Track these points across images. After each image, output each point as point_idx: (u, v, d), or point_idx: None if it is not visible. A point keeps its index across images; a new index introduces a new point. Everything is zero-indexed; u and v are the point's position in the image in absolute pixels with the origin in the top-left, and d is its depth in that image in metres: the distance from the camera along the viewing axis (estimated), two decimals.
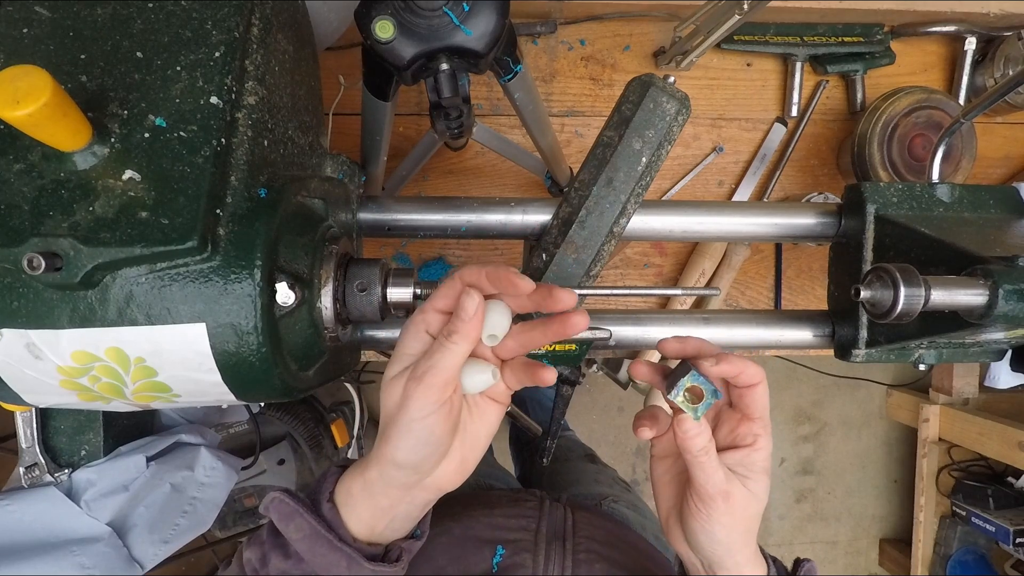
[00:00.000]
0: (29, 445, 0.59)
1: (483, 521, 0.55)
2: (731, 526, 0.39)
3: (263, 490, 1.29)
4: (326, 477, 0.41)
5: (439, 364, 0.35)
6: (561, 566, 0.50)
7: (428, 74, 0.48)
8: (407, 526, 0.42)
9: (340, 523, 0.39)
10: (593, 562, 0.51)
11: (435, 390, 0.35)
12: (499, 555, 0.50)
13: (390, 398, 0.37)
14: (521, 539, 0.53)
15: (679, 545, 0.43)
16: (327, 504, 0.40)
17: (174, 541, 0.63)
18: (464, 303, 0.35)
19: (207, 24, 0.42)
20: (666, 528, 0.44)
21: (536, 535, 0.54)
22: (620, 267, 0.91)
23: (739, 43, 0.84)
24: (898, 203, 0.59)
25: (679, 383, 0.38)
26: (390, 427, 0.37)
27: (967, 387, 1.70)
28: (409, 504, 0.40)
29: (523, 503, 0.59)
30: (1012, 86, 0.54)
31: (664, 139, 0.54)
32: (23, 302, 0.36)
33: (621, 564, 0.52)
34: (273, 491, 0.40)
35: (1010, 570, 1.73)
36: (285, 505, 0.39)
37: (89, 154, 0.37)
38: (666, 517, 0.44)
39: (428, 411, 0.35)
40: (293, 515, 0.39)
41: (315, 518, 0.39)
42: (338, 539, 0.38)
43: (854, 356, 0.60)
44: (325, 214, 0.48)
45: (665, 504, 0.44)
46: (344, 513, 0.39)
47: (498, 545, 0.51)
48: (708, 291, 0.49)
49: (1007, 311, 0.46)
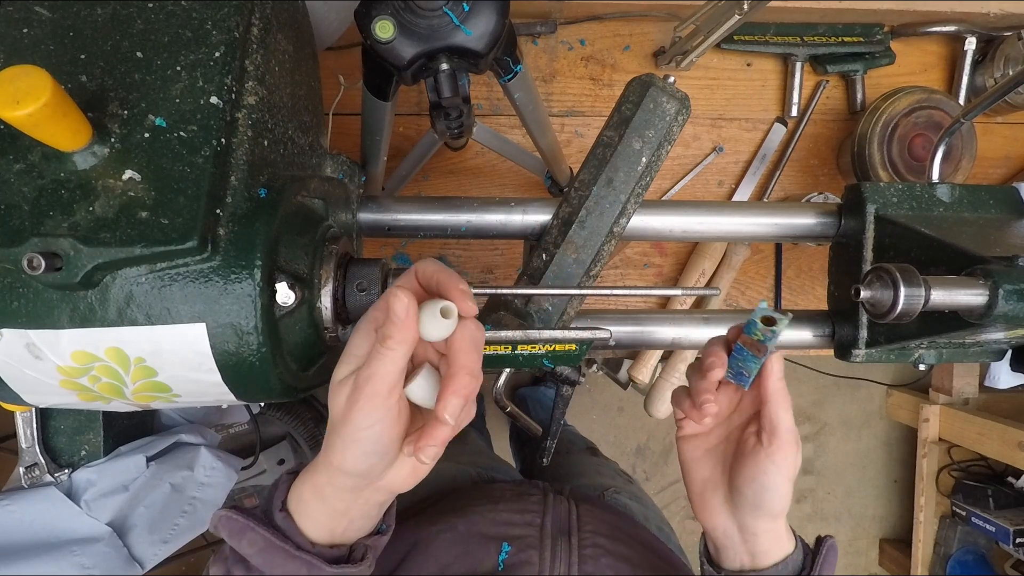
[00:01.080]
0: (29, 445, 0.59)
1: (487, 517, 0.55)
2: (787, 473, 0.41)
3: (263, 490, 1.29)
4: (278, 485, 0.40)
5: (378, 372, 0.33)
6: (567, 563, 0.50)
7: (428, 74, 0.48)
8: (369, 524, 0.41)
9: (296, 530, 0.38)
10: (599, 557, 0.51)
11: (378, 399, 0.34)
12: (505, 552, 0.50)
13: (336, 404, 0.35)
14: (526, 535, 0.52)
15: (716, 516, 0.44)
16: (280, 513, 0.38)
17: (174, 541, 0.63)
18: (392, 306, 0.33)
19: (207, 24, 0.42)
20: (700, 503, 0.46)
21: (541, 531, 0.53)
22: (620, 267, 0.91)
23: (739, 43, 0.84)
24: (898, 203, 0.59)
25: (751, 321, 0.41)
26: (335, 435, 0.35)
27: (967, 387, 1.70)
28: (364, 505, 0.39)
29: (527, 497, 0.59)
30: (1012, 86, 0.54)
31: (664, 139, 0.54)
32: (23, 302, 0.36)
33: (626, 558, 0.52)
34: (220, 508, 0.39)
35: (1010, 570, 1.73)
36: (234, 521, 0.38)
37: (89, 154, 0.37)
38: (700, 491, 0.46)
39: (372, 420, 0.34)
40: (244, 530, 0.38)
41: (267, 529, 0.37)
42: (295, 547, 0.37)
43: (854, 356, 0.60)
44: (325, 214, 0.48)
45: (699, 477, 0.46)
46: (299, 519, 0.38)
47: (503, 542, 0.51)
48: (708, 291, 0.49)
49: (1007, 311, 0.46)
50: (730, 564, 0.45)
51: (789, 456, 0.41)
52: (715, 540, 0.45)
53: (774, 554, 0.43)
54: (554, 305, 0.55)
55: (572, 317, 0.56)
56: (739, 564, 0.44)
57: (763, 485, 0.41)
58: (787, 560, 0.43)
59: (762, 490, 0.41)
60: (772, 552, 0.43)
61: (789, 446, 0.41)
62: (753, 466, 0.42)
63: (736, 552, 0.44)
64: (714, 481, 0.45)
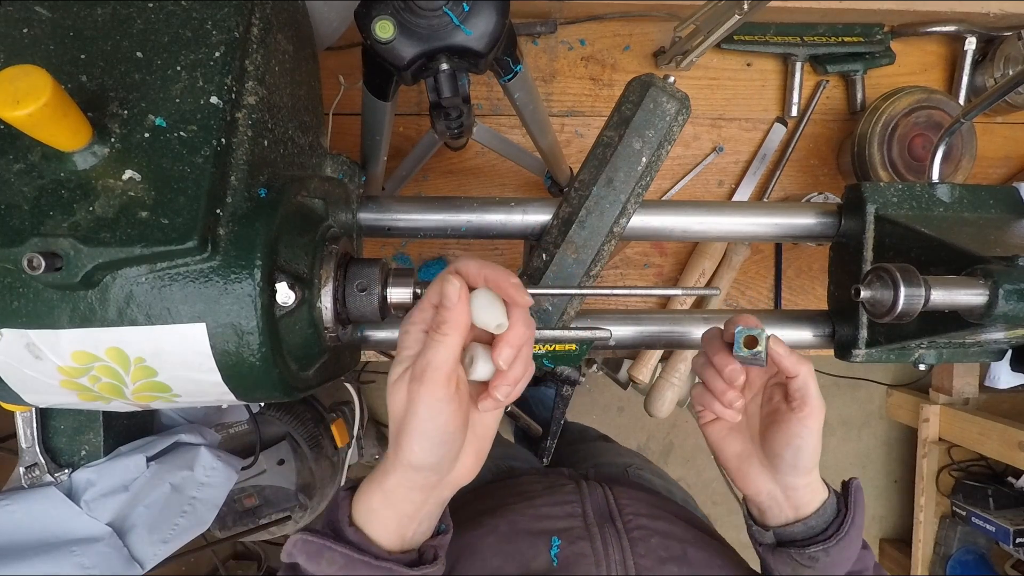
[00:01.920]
0: (29, 445, 0.59)
1: (527, 513, 0.55)
2: (817, 432, 0.46)
3: (263, 490, 1.29)
4: (338, 504, 0.41)
5: (435, 360, 0.35)
6: (620, 548, 0.50)
7: (428, 74, 0.48)
8: (431, 525, 0.42)
9: (369, 542, 0.39)
10: (648, 538, 0.52)
11: (439, 387, 0.35)
12: (556, 547, 0.50)
13: (396, 402, 0.37)
14: (572, 527, 0.52)
15: (756, 482, 0.49)
16: (350, 528, 0.40)
17: (174, 541, 0.63)
18: (446, 291, 0.35)
19: (207, 24, 0.42)
20: (739, 475, 0.50)
21: (585, 520, 0.53)
22: (620, 267, 0.91)
23: (739, 43, 0.84)
24: (898, 203, 0.59)
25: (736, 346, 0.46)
26: (402, 432, 0.37)
27: (967, 387, 1.70)
28: (432, 505, 0.40)
29: (560, 488, 0.59)
30: (1012, 86, 0.54)
31: (664, 139, 0.54)
32: (23, 302, 0.36)
33: (671, 534, 0.53)
34: (292, 535, 0.40)
35: (1010, 570, 1.73)
36: (310, 544, 0.39)
37: (89, 154, 0.37)
38: (737, 465, 0.50)
39: (437, 410, 0.35)
40: (321, 551, 0.39)
41: (344, 546, 0.38)
42: (374, 558, 0.38)
43: (854, 356, 0.60)
44: (325, 214, 0.48)
45: (731, 454, 0.50)
46: (370, 531, 0.39)
47: (552, 536, 0.51)
48: (708, 291, 0.49)
49: (1007, 311, 0.46)
50: (775, 521, 0.49)
51: (818, 418, 0.46)
52: (759, 503, 0.50)
53: (814, 503, 0.48)
54: (554, 305, 0.55)
55: (572, 317, 0.56)
56: (784, 519, 0.49)
57: (799, 447, 0.46)
58: (825, 505, 0.48)
59: (798, 451, 0.46)
60: (812, 502, 0.48)
61: (818, 410, 0.46)
62: (787, 431, 0.46)
63: (780, 509, 0.49)
64: (746, 452, 0.50)
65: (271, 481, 1.29)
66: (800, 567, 0.47)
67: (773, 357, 0.46)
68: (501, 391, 0.37)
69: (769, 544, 0.49)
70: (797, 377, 0.46)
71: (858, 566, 0.49)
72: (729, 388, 0.48)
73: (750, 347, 0.46)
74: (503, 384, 0.37)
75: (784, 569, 0.48)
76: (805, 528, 0.48)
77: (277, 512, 1.31)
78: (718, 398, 0.48)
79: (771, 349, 0.46)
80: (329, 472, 1.40)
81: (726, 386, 0.48)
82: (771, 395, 0.50)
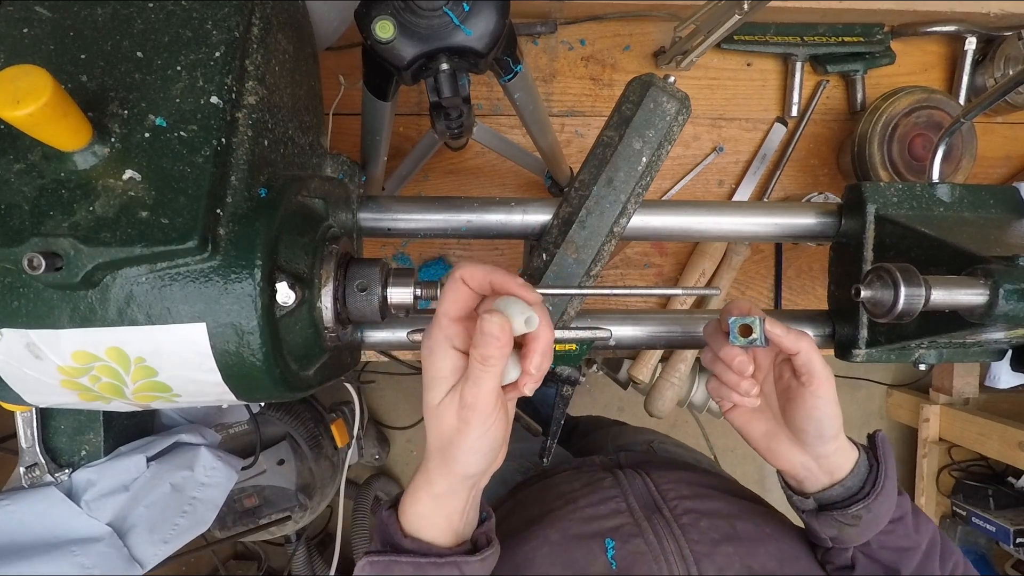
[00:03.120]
0: (29, 445, 0.59)
1: (572, 517, 0.55)
2: (832, 399, 0.47)
3: (263, 490, 1.29)
4: (386, 523, 0.44)
5: (483, 390, 0.37)
6: (673, 538, 0.51)
7: (428, 74, 0.48)
8: (475, 516, 0.46)
9: (429, 546, 0.42)
10: (697, 522, 0.52)
11: (489, 410, 0.37)
12: (611, 548, 0.50)
13: (444, 422, 0.39)
14: (622, 524, 0.53)
15: (788, 457, 0.50)
16: (407, 540, 0.42)
17: (174, 541, 0.63)
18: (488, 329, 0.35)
19: (207, 24, 0.42)
20: (770, 453, 0.51)
21: (633, 515, 0.54)
22: (620, 267, 0.91)
23: (739, 43, 0.84)
24: (898, 203, 0.59)
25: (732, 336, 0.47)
26: (453, 448, 0.39)
27: (967, 387, 1.70)
28: (475, 498, 0.44)
29: (599, 484, 0.59)
30: (1012, 86, 0.54)
31: (664, 139, 0.54)
32: (23, 302, 0.36)
33: (716, 512, 0.54)
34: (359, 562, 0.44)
35: (1010, 570, 1.73)
36: (377, 564, 0.42)
37: (89, 154, 0.37)
38: (766, 445, 0.51)
39: (487, 428, 0.38)
40: (390, 567, 0.42)
41: (408, 555, 0.42)
42: (438, 557, 0.41)
43: (854, 356, 0.60)
44: (325, 214, 0.48)
45: (758, 434, 0.52)
46: (425, 536, 0.43)
47: (604, 538, 0.51)
48: (708, 291, 0.49)
49: (1007, 311, 0.46)
50: (813, 488, 0.50)
51: (829, 387, 0.47)
52: (795, 475, 0.51)
53: (846, 465, 0.49)
54: (554, 305, 0.55)
55: (572, 317, 0.56)
56: (821, 485, 0.50)
57: (818, 418, 0.47)
58: (857, 464, 0.49)
59: (819, 422, 0.47)
60: (844, 464, 0.49)
61: (826, 379, 0.47)
62: (803, 406, 0.48)
63: (816, 477, 0.50)
64: (772, 431, 0.51)
65: (271, 481, 1.29)
66: (844, 527, 0.48)
67: (771, 339, 0.47)
68: (528, 387, 0.40)
69: (811, 510, 0.51)
70: (799, 354, 0.47)
71: (898, 512, 0.50)
72: (742, 379, 0.49)
73: (745, 335, 0.47)
74: (531, 382, 0.39)
75: (830, 531, 0.49)
76: (844, 489, 0.49)
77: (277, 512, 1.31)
78: (734, 389, 0.49)
79: (768, 332, 0.46)
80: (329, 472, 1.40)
81: (739, 377, 0.49)
82: (781, 372, 0.51)
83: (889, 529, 0.50)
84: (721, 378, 0.50)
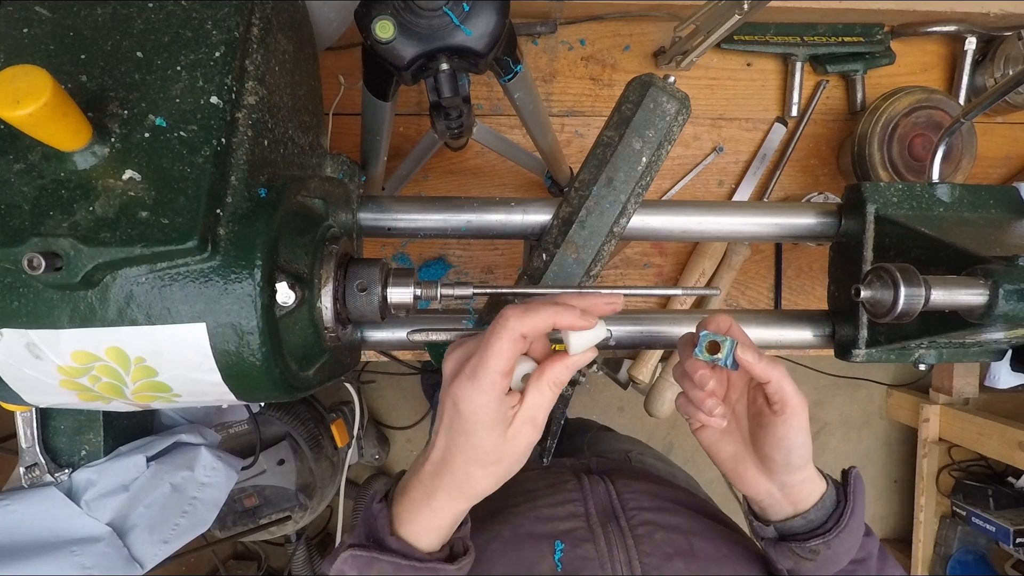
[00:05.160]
0: (29, 445, 0.59)
1: (529, 516, 0.55)
2: (803, 429, 0.46)
3: (263, 490, 1.29)
4: (376, 516, 0.44)
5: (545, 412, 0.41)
6: (624, 548, 0.50)
7: (428, 74, 0.48)
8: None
9: (412, 548, 0.43)
10: (652, 534, 0.52)
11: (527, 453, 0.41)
12: (559, 551, 0.50)
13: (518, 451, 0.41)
14: (575, 528, 0.52)
15: (754, 483, 0.49)
16: (392, 538, 0.43)
17: (174, 541, 0.63)
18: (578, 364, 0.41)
19: (207, 24, 0.42)
20: (736, 476, 0.50)
21: (588, 520, 0.53)
22: (620, 267, 0.91)
23: (739, 43, 0.84)
24: (898, 203, 0.59)
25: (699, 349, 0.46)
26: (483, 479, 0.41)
27: (967, 387, 1.70)
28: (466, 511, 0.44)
29: (562, 486, 0.59)
30: (1012, 86, 0.54)
31: (664, 139, 0.54)
32: (23, 302, 0.36)
33: (676, 527, 0.53)
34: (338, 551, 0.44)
35: (1010, 570, 1.73)
36: (359, 558, 0.42)
37: (89, 154, 0.37)
38: (733, 467, 0.50)
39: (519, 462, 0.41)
40: (371, 563, 0.42)
41: (390, 555, 0.42)
42: (419, 562, 0.42)
43: (854, 356, 0.60)
44: (325, 214, 0.48)
45: (726, 456, 0.50)
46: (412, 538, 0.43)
47: (555, 540, 0.51)
48: (708, 291, 0.49)
49: (1007, 311, 0.46)
50: (776, 516, 0.49)
51: (801, 417, 0.46)
52: (759, 502, 0.50)
53: (812, 497, 0.48)
54: None
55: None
56: (784, 514, 0.49)
57: (788, 448, 0.46)
58: (824, 498, 0.48)
59: (788, 452, 0.46)
60: (810, 496, 0.48)
61: (799, 408, 0.46)
62: (773, 434, 0.46)
63: (780, 505, 0.49)
64: (740, 454, 0.50)
65: (271, 481, 1.29)
66: (801, 560, 0.47)
67: (742, 365, 0.45)
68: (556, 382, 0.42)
69: (771, 538, 0.50)
70: (771, 382, 0.45)
71: (861, 553, 0.49)
72: (706, 397, 0.47)
73: (712, 352, 0.45)
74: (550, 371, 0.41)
75: (786, 563, 0.49)
76: (805, 522, 0.48)
77: (277, 512, 1.31)
78: (698, 407, 0.48)
79: (739, 358, 0.45)
80: (329, 472, 1.40)
81: (703, 395, 0.47)
82: (754, 397, 0.49)
83: (850, 570, 0.49)
84: (688, 394, 0.49)
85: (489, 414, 0.38)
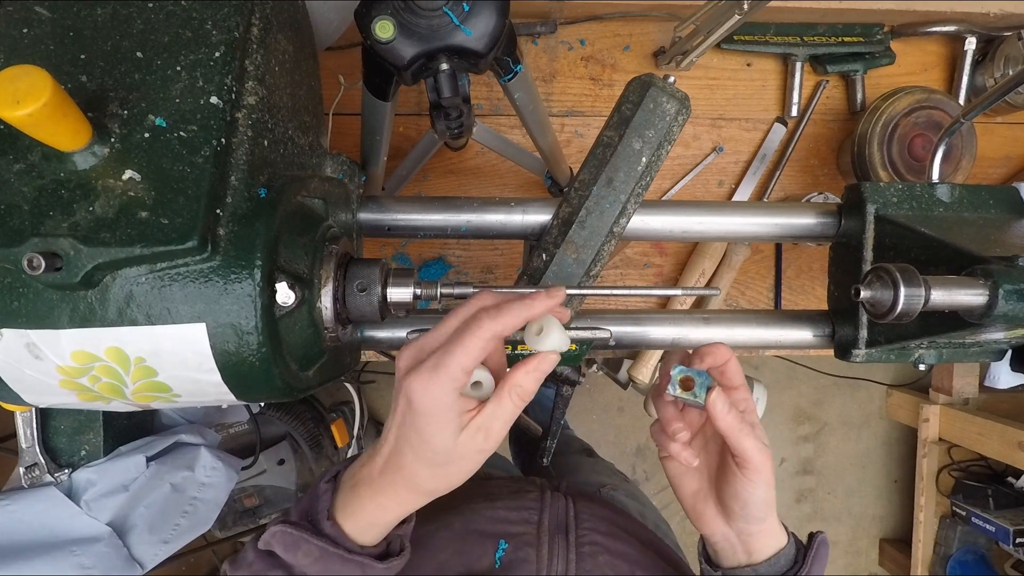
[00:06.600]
0: (29, 445, 0.59)
1: (484, 514, 0.55)
2: (765, 483, 0.44)
3: (263, 490, 1.29)
4: (319, 497, 0.43)
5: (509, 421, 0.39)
6: (565, 560, 0.50)
7: (428, 74, 0.48)
8: None
9: (345, 536, 0.41)
10: (597, 555, 0.52)
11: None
12: (502, 549, 0.50)
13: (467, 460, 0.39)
14: (524, 532, 0.53)
15: (711, 524, 0.47)
16: (328, 523, 0.41)
17: (174, 541, 0.63)
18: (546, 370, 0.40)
19: (207, 24, 0.42)
20: (694, 513, 0.48)
21: (539, 528, 0.53)
22: (620, 267, 0.91)
23: (739, 43, 0.84)
24: (898, 203, 0.59)
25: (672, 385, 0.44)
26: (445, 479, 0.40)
27: (967, 387, 1.70)
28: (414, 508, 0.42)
29: (524, 494, 0.59)
30: (1012, 86, 0.54)
31: (664, 139, 0.54)
32: (23, 302, 0.36)
33: (624, 555, 0.53)
34: (271, 524, 0.42)
35: (1010, 570, 1.73)
36: (288, 535, 0.41)
37: (89, 154, 0.37)
38: (692, 504, 0.48)
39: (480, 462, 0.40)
40: (299, 542, 0.41)
41: (321, 539, 0.40)
42: (347, 551, 0.40)
43: (854, 356, 0.60)
44: (325, 214, 0.48)
45: (688, 491, 0.49)
46: (349, 528, 0.41)
47: (500, 539, 0.51)
48: (708, 291, 0.49)
49: (1007, 311, 0.46)
50: (728, 563, 0.48)
51: (764, 472, 0.44)
52: (714, 544, 0.48)
53: (768, 549, 0.46)
54: None
55: (572, 317, 0.56)
56: (736, 562, 0.47)
57: (746, 501, 0.44)
58: (779, 554, 0.46)
59: (745, 504, 0.45)
60: (767, 548, 0.46)
61: (761, 465, 0.44)
62: (734, 486, 0.45)
63: (734, 552, 0.47)
64: (703, 492, 0.48)
65: (271, 481, 1.29)
66: None
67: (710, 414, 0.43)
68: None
69: None
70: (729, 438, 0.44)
71: None
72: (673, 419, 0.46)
73: (686, 388, 0.43)
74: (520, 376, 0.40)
75: None
76: (753, 574, 0.46)
77: (277, 512, 1.31)
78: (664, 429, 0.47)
79: (710, 408, 0.43)
80: None
81: (671, 417, 0.47)
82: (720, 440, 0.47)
83: None
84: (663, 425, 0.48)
85: (442, 409, 0.37)
